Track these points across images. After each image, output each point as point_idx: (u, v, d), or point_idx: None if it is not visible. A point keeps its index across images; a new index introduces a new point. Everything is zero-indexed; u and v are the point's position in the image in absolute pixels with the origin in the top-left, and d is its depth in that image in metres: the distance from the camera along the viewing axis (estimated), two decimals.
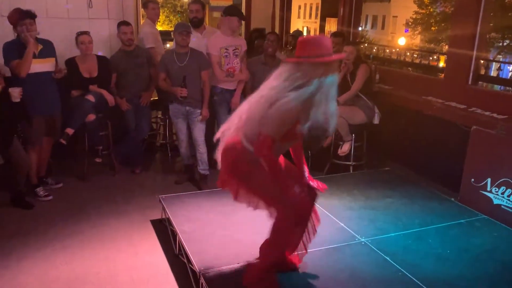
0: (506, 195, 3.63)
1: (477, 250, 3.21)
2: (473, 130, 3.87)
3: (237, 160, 2.53)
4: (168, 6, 25.50)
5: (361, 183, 4.38)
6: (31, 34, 3.86)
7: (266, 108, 2.35)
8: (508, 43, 20.23)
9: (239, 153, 2.51)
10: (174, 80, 4.36)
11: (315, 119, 2.31)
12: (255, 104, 2.44)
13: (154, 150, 5.66)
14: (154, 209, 3.93)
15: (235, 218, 3.50)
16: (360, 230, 3.40)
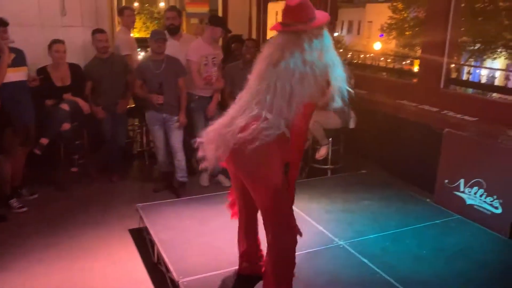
0: (479, 195, 3.72)
1: (452, 249, 3.29)
2: (446, 133, 3.97)
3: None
4: (144, 13, 25.34)
5: (338, 186, 4.43)
6: (5, 43, 3.79)
7: (292, 80, 2.21)
8: (479, 47, 20.79)
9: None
10: (150, 87, 4.34)
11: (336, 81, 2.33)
12: (276, 82, 2.24)
13: (131, 158, 5.60)
14: (132, 218, 3.88)
15: (214, 225, 3.50)
16: (338, 233, 3.44)
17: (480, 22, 19.74)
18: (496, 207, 3.59)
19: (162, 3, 12.00)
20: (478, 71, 5.35)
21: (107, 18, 5.36)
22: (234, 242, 2.83)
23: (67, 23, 5.01)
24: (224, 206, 3.84)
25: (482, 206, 3.71)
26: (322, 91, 2.33)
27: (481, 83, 4.75)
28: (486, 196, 3.66)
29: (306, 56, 2.23)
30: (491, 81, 4.88)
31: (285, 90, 2.22)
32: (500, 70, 14.09)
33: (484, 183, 3.68)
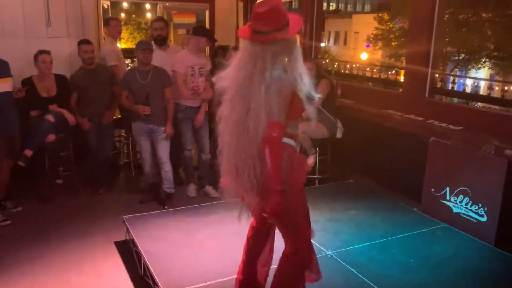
0: (464, 204, 3.76)
1: (439, 257, 3.30)
2: (431, 141, 4.01)
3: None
4: (132, 23, 25.31)
5: (326, 196, 4.43)
6: None
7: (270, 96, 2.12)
8: (463, 57, 21.18)
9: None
10: (137, 98, 4.32)
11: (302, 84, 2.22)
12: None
13: (117, 169, 5.55)
14: (118, 230, 3.83)
15: (200, 236, 3.47)
16: (326, 243, 3.43)
17: (464, 32, 20.12)
18: (482, 215, 3.63)
19: (149, 13, 12.02)
20: (462, 81, 5.43)
21: (93, 29, 5.35)
22: (221, 254, 2.81)
23: (53, 33, 4.99)
24: (211, 217, 3.84)
25: (468, 214, 3.74)
26: (290, 105, 2.20)
27: (465, 92, 4.81)
28: (472, 204, 3.70)
29: (289, 66, 2.17)
30: (475, 91, 4.97)
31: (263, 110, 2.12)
32: (483, 79, 14.32)
33: (469, 192, 3.72)
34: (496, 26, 20.05)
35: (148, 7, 11.62)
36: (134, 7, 22.19)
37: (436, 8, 4.32)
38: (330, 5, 41.71)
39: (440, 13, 4.38)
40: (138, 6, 21.38)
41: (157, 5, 8.48)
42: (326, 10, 39.12)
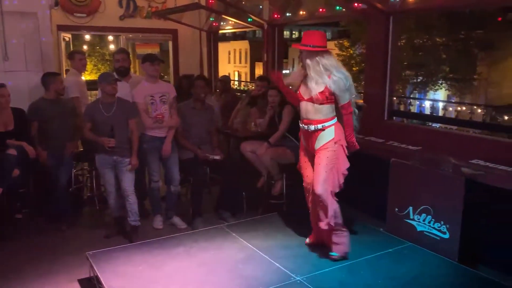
0: (427, 222, 3.85)
1: (405, 277, 3.35)
2: (392, 162, 4.12)
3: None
4: (95, 55, 25.18)
5: (294, 220, 4.44)
6: None
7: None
8: (421, 79, 22.07)
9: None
10: (100, 130, 4.25)
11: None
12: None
13: (81, 204, 5.39)
14: (81, 267, 3.70)
15: (167, 270, 3.41)
16: (295, 269, 3.43)
17: (421, 56, 21.02)
18: (444, 232, 3.72)
19: (112, 45, 12.00)
20: (418, 103, 5.66)
21: (52, 62, 5.29)
22: (187, 287, 2.75)
23: (10, 68, 4.90)
24: (178, 249, 3.77)
25: (431, 232, 3.83)
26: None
27: (422, 113, 5.01)
28: (434, 222, 3.80)
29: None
30: (434, 112, 5.18)
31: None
32: (438, 101, 14.94)
33: (431, 210, 3.82)
34: (450, 50, 21.07)
35: (111, 39, 11.58)
36: (97, 39, 22.11)
37: (390, 34, 4.53)
38: (293, 34, 42.86)
39: (394, 39, 4.59)
40: (101, 38, 21.30)
41: (119, 37, 8.48)
42: (289, 38, 40.21)
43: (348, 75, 3.49)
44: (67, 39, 7.72)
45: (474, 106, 5.22)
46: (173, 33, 8.08)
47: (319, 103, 3.46)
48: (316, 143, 3.55)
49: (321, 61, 3.40)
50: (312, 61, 3.42)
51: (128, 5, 7.64)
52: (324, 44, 3.44)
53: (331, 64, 3.43)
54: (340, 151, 3.54)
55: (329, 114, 3.51)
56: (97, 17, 7.41)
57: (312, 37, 3.42)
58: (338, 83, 3.40)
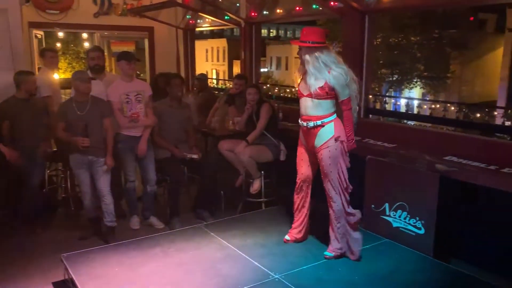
0: (403, 218, 3.91)
1: (382, 273, 3.40)
2: (368, 160, 4.17)
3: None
4: (70, 53, 24.68)
5: (273, 218, 4.46)
6: None
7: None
8: (397, 78, 22.44)
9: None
10: (74, 130, 4.15)
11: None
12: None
13: (55, 205, 5.27)
14: (56, 269, 3.62)
15: (144, 270, 3.36)
16: (273, 267, 3.43)
17: (396, 55, 21.38)
18: (419, 228, 3.78)
19: (86, 43, 11.75)
20: (393, 101, 5.74)
21: (23, 60, 5.15)
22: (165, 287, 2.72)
23: None
24: (155, 249, 3.73)
25: (407, 228, 3.89)
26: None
27: (397, 111, 5.08)
28: (410, 218, 3.85)
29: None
30: (409, 110, 5.27)
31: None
32: (409, 99, 15.22)
33: (407, 206, 3.88)
34: (424, 49, 21.50)
35: (86, 36, 11.36)
36: (71, 37, 21.68)
37: (366, 33, 4.57)
38: (270, 32, 42.93)
39: (369, 38, 4.64)
40: (75, 36, 20.90)
41: (94, 34, 8.33)
42: (267, 36, 40.29)
43: (349, 70, 3.49)
44: (39, 36, 7.53)
45: (448, 104, 5.33)
46: (149, 31, 7.98)
47: (319, 99, 3.46)
48: (316, 141, 3.55)
49: (320, 57, 3.41)
50: (311, 57, 3.43)
51: (102, 2, 7.50)
52: (323, 40, 3.45)
53: (331, 60, 3.44)
54: (341, 148, 3.53)
55: (328, 110, 3.50)
56: (70, 14, 7.25)
57: (311, 34, 3.44)
58: (338, 78, 3.41)
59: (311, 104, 3.51)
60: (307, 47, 3.45)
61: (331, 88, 3.43)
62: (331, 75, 3.41)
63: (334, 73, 3.42)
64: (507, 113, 7.15)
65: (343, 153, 3.55)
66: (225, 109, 5.66)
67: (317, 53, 3.42)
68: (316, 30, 3.51)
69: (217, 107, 5.91)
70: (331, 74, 3.42)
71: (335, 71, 3.42)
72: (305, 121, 3.58)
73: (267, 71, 33.54)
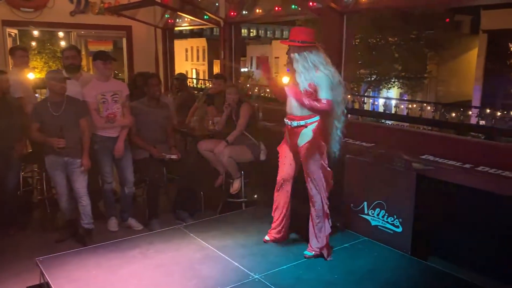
0: (381, 216, 3.96)
1: (361, 271, 3.43)
2: (347, 159, 4.20)
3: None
4: (46, 52, 24.14)
5: (253, 218, 4.45)
6: None
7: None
8: (375, 78, 22.73)
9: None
10: (49, 131, 4.07)
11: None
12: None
13: (31, 207, 5.16)
14: (31, 273, 3.53)
15: (122, 273, 3.31)
16: (253, 267, 3.43)
17: (375, 55, 21.63)
18: (397, 226, 3.84)
19: (63, 42, 11.52)
20: (371, 101, 5.82)
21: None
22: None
23: None
24: (134, 251, 3.68)
25: (385, 226, 3.94)
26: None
27: (375, 111, 5.14)
28: (388, 217, 3.90)
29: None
30: (387, 110, 5.35)
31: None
32: (387, 98, 15.37)
33: (384, 204, 3.92)
34: (402, 49, 21.82)
35: (62, 35, 11.15)
36: (47, 35, 21.24)
37: (344, 33, 4.61)
38: (250, 32, 42.96)
39: (348, 38, 4.68)
40: (51, 34, 20.48)
41: (70, 33, 8.18)
42: (247, 36, 40.29)
43: (336, 72, 3.50)
44: (13, 35, 7.35)
45: (424, 104, 5.42)
46: (127, 30, 7.88)
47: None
48: (299, 140, 3.56)
49: (309, 56, 3.43)
50: (300, 56, 3.44)
51: (79, 1, 7.37)
52: (312, 40, 3.47)
53: (319, 60, 3.45)
54: (322, 149, 3.54)
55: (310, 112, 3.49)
56: (45, 12, 7.09)
57: (300, 33, 3.47)
58: (323, 79, 3.41)
59: (296, 104, 3.51)
60: (296, 47, 3.46)
61: (316, 88, 3.43)
62: (317, 75, 3.43)
63: (320, 74, 3.42)
64: (482, 112, 7.33)
65: (323, 154, 3.56)
66: (204, 109, 5.64)
67: (305, 52, 3.44)
68: (305, 29, 3.55)
69: (197, 107, 5.87)
70: (317, 74, 3.43)
71: (322, 72, 3.43)
72: (290, 120, 3.60)
73: (247, 71, 33.55)
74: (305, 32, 3.48)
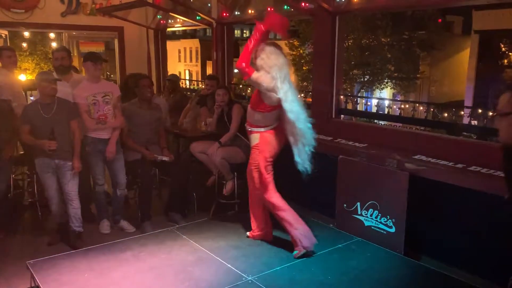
0: (374, 216, 3.96)
1: (355, 271, 3.43)
2: (340, 159, 4.20)
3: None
4: (38, 53, 23.98)
5: (246, 220, 4.41)
6: None
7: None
8: (368, 78, 22.79)
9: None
10: (40, 133, 4.02)
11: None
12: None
13: (21, 210, 5.10)
14: (22, 277, 3.49)
15: (114, 276, 3.29)
16: (246, 269, 3.41)
17: (367, 56, 21.69)
18: (390, 226, 3.84)
19: (54, 43, 11.43)
20: (364, 101, 5.83)
21: None
22: None
23: None
24: (126, 253, 3.65)
25: (378, 226, 3.94)
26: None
27: (368, 111, 5.14)
28: (381, 217, 3.90)
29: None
30: (380, 110, 5.36)
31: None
32: (380, 99, 15.46)
33: (378, 205, 3.92)
34: (394, 50, 21.91)
35: (53, 36, 11.04)
36: (39, 37, 21.10)
37: (336, 33, 4.60)
38: (243, 33, 42.96)
39: (340, 38, 4.67)
40: (43, 36, 20.34)
41: (62, 34, 8.11)
42: (240, 37, 40.27)
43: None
44: (3, 36, 7.28)
45: (417, 104, 5.43)
46: (119, 31, 7.83)
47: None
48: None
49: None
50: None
51: (70, 2, 7.31)
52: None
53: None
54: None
55: (257, 122, 3.81)
56: (36, 13, 7.03)
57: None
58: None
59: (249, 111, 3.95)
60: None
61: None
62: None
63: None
64: (474, 112, 7.36)
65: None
66: (197, 110, 5.61)
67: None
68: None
69: (189, 108, 5.84)
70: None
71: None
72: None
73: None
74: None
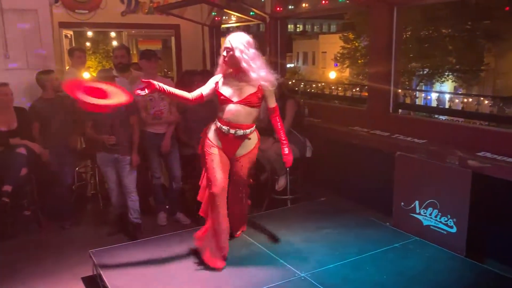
0: (434, 216, 3.78)
1: (411, 272, 3.30)
2: (397, 156, 4.05)
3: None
4: (100, 51, 25.15)
5: (298, 216, 4.40)
6: None
7: None
8: (427, 71, 21.86)
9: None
10: (101, 128, 4.22)
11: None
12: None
13: (84, 202, 5.38)
14: (85, 265, 3.67)
15: (171, 268, 3.37)
16: (299, 265, 3.38)
17: (427, 48, 20.80)
18: (451, 226, 3.65)
19: (114, 42, 11.93)
20: (423, 95, 5.58)
21: (54, 59, 5.26)
22: (193, 286, 2.71)
23: (11, 66, 4.88)
24: (182, 246, 3.73)
25: (438, 226, 3.76)
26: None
27: (428, 106, 4.91)
28: (441, 216, 3.72)
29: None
30: (441, 104, 5.10)
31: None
32: (440, 92, 14.79)
33: (437, 204, 3.75)
34: (456, 41, 20.84)
35: (114, 35, 11.53)
36: (101, 36, 22.09)
37: (394, 26, 4.43)
38: (297, 27, 42.60)
39: (398, 31, 4.49)
40: (104, 35, 21.28)
41: (122, 33, 8.44)
42: (293, 31, 39.98)
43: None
44: (69, 36, 7.68)
45: (481, 98, 5.11)
46: (175, 29, 8.00)
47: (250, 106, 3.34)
48: (240, 150, 3.41)
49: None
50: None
51: (129, 1, 7.57)
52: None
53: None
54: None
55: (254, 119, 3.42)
56: (98, 13, 7.34)
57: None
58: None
59: (244, 110, 3.35)
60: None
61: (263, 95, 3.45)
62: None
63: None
64: None
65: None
66: None
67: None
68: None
69: None
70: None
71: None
72: (234, 128, 3.31)
73: (293, 67, 33.35)
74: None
